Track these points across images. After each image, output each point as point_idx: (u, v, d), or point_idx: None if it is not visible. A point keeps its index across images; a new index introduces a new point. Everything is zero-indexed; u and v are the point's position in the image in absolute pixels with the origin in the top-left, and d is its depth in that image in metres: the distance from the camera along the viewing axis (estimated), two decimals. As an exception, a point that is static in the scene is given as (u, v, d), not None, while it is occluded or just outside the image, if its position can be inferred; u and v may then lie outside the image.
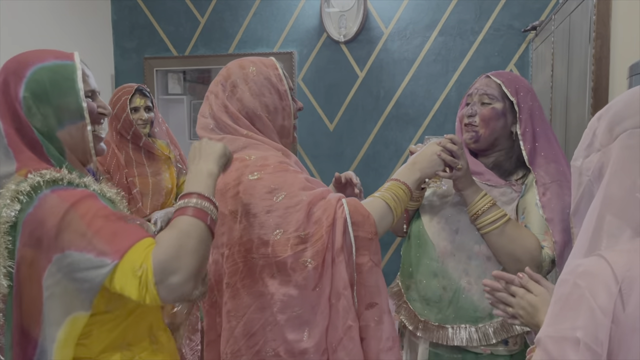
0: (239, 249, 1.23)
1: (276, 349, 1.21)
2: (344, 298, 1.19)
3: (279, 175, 1.23)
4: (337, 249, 1.19)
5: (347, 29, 3.53)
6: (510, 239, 1.39)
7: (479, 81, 1.56)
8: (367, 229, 1.22)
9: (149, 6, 3.95)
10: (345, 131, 3.68)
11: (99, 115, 1.19)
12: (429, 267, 1.52)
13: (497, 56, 3.40)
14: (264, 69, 1.34)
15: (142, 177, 2.46)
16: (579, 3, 2.10)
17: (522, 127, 1.48)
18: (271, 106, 1.32)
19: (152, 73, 3.97)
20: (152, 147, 2.51)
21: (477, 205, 1.40)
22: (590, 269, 0.72)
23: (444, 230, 1.51)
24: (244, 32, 3.79)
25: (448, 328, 1.48)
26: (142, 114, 2.45)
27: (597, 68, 1.89)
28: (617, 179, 0.75)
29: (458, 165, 1.38)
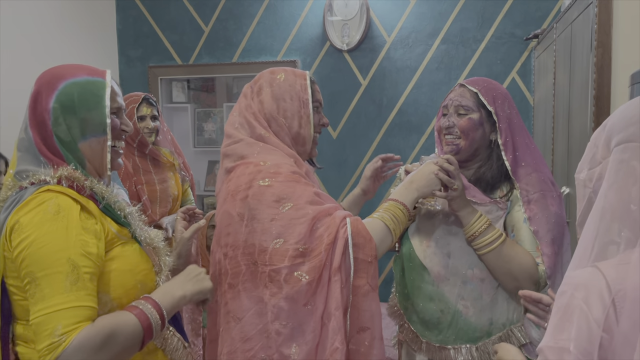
0: (242, 252, 1.25)
1: (271, 356, 1.22)
2: (335, 319, 1.18)
3: (289, 185, 1.25)
4: (335, 269, 1.19)
5: (350, 37, 3.55)
6: (508, 258, 1.39)
7: (454, 91, 1.54)
8: (368, 252, 1.22)
9: (153, 15, 3.98)
10: (349, 139, 3.70)
11: (121, 132, 1.24)
12: (425, 291, 1.51)
13: (500, 64, 3.42)
14: (291, 77, 1.39)
15: (149, 184, 2.48)
16: (581, 12, 2.11)
17: (503, 137, 1.46)
18: (289, 111, 1.36)
19: (156, 81, 4.00)
20: (158, 155, 2.53)
21: (474, 227, 1.40)
22: (586, 281, 0.74)
23: (436, 255, 1.50)
24: (248, 41, 3.82)
25: (450, 349, 1.48)
26: (149, 123, 2.48)
27: (599, 76, 1.91)
28: (612, 191, 0.77)
29: (454, 186, 1.38)
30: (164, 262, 1.24)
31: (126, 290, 1.14)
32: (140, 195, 2.44)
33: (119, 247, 1.16)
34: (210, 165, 4.25)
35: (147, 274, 1.19)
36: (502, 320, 1.45)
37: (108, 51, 4.00)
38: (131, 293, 1.14)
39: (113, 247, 1.15)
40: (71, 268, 1.03)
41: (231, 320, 1.26)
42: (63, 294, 1.01)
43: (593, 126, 1.93)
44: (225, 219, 1.29)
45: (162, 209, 2.50)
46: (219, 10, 3.85)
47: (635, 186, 0.75)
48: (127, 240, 1.18)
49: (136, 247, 1.19)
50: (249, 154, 1.32)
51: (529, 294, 1.17)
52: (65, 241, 1.04)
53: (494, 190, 1.50)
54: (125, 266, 1.14)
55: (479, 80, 1.53)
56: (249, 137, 1.35)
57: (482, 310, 1.45)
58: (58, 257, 1.03)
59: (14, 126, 2.88)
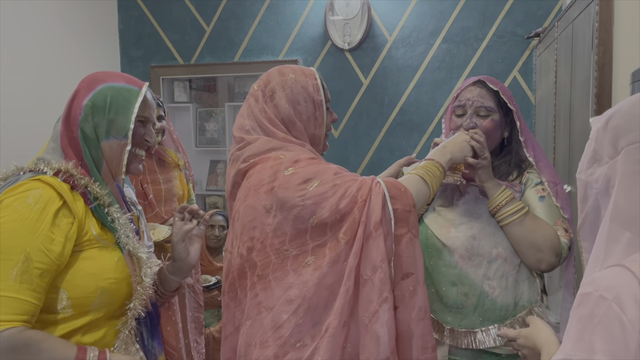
0: (271, 242, 1.27)
1: (302, 340, 1.24)
2: (381, 270, 1.22)
3: (312, 167, 1.29)
4: (376, 223, 1.22)
5: (352, 36, 3.56)
6: (531, 229, 1.43)
7: (470, 90, 1.55)
8: (405, 201, 1.26)
9: (155, 15, 3.99)
10: (350, 138, 3.70)
11: (143, 141, 1.29)
12: (446, 275, 1.52)
13: (501, 63, 3.42)
14: (302, 78, 1.39)
15: (154, 184, 2.49)
16: (582, 10, 2.11)
17: (524, 136, 1.52)
18: (304, 114, 1.38)
19: (158, 81, 4.01)
20: (164, 155, 2.54)
21: (499, 198, 1.45)
22: (615, 281, 0.69)
23: (458, 239, 1.52)
24: (249, 40, 3.82)
25: (477, 332, 1.49)
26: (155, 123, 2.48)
27: (600, 74, 1.90)
28: (625, 192, 0.74)
29: (484, 154, 1.44)
30: (145, 273, 1.24)
31: (85, 293, 1.14)
32: (147, 194, 2.45)
33: (96, 250, 1.17)
34: (212, 164, 4.25)
35: (115, 283, 1.18)
36: (524, 300, 1.49)
37: (110, 51, 4.01)
38: (90, 297, 1.15)
39: (88, 248, 1.16)
40: (23, 259, 1.05)
41: (263, 310, 1.28)
42: (6, 282, 1.03)
43: (594, 124, 1.93)
44: (250, 213, 1.30)
45: (167, 208, 2.51)
46: (220, 10, 3.85)
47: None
48: (108, 245, 1.19)
49: (115, 255, 1.19)
50: (265, 150, 1.34)
51: (504, 334, 1.24)
52: (29, 232, 1.07)
53: (507, 177, 1.57)
54: (92, 269, 1.15)
55: (492, 79, 1.56)
56: (265, 137, 1.37)
57: (507, 289, 1.48)
58: (15, 245, 1.06)
59: (14, 125, 2.90)
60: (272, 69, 1.44)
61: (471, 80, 1.58)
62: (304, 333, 1.24)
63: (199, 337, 2.74)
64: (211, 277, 3.08)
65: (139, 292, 1.22)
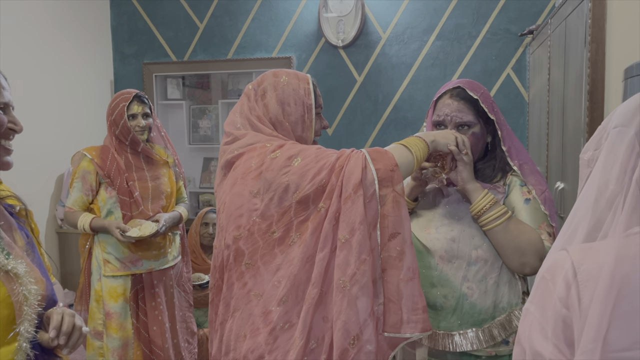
0: (259, 227, 1.28)
1: (290, 320, 1.25)
2: (360, 232, 1.21)
3: (295, 146, 1.33)
4: (355, 185, 1.22)
5: (345, 33, 3.55)
6: (515, 233, 1.41)
7: (447, 104, 1.50)
8: (387, 162, 1.26)
9: (148, 12, 3.97)
10: (344, 135, 3.70)
11: (8, 131, 1.14)
12: (426, 277, 1.52)
13: (495, 60, 3.43)
14: (294, 81, 1.42)
15: (141, 181, 2.48)
16: (575, 7, 2.12)
17: (507, 144, 1.51)
18: (293, 116, 1.40)
19: (151, 78, 3.99)
20: (151, 152, 2.52)
21: (482, 202, 1.43)
22: (554, 263, 0.79)
23: (439, 240, 1.51)
24: (243, 37, 3.81)
25: (455, 335, 1.48)
26: (140, 121, 2.46)
27: (593, 71, 1.91)
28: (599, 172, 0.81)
29: (465, 151, 1.43)
30: (29, 291, 1.07)
31: None
32: (132, 192, 2.44)
33: None
34: (205, 162, 4.24)
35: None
36: (504, 303, 1.47)
37: (102, 48, 3.99)
38: None
39: None
40: None
41: (253, 298, 1.29)
42: None
43: (587, 121, 1.94)
44: (237, 201, 1.31)
45: (154, 205, 2.50)
46: (213, 7, 3.84)
47: (614, 165, 0.78)
48: None
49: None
50: (255, 142, 1.36)
51: None
52: None
53: (491, 180, 1.55)
54: None
55: (473, 84, 1.52)
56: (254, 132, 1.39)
57: (486, 292, 1.46)
58: None
59: (8, 123, 2.88)
60: (269, 71, 1.47)
61: (451, 84, 1.54)
62: (290, 313, 1.25)
63: (191, 337, 2.73)
64: (204, 275, 3.07)
65: (26, 312, 1.04)
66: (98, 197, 2.46)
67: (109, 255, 2.43)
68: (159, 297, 2.50)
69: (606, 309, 0.70)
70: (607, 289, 0.71)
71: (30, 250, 1.14)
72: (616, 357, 0.70)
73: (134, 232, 2.34)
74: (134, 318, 2.46)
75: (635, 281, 0.71)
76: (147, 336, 2.48)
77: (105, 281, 2.42)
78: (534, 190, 1.47)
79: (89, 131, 3.78)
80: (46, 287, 1.11)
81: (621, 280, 0.71)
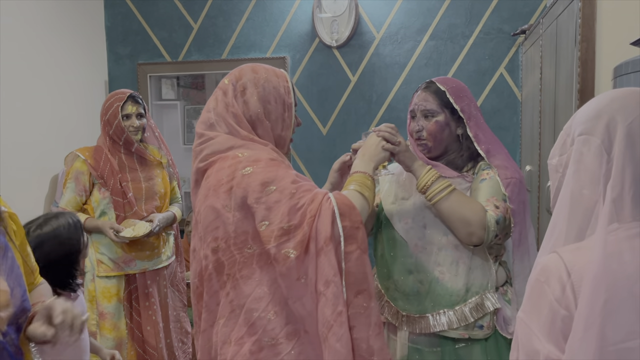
0: (234, 242, 1.28)
1: (275, 337, 1.26)
2: (334, 285, 1.22)
3: (271, 169, 1.28)
4: (326, 238, 1.22)
5: (339, 33, 3.56)
6: (459, 204, 1.50)
7: (417, 97, 1.67)
8: (354, 218, 1.26)
9: (142, 12, 3.97)
10: (338, 135, 3.71)
11: None
12: (404, 265, 1.61)
13: (488, 60, 3.44)
14: (274, 78, 1.39)
15: (135, 182, 2.48)
16: (565, 7, 2.13)
17: (473, 132, 1.61)
18: (273, 114, 1.38)
19: (145, 79, 3.99)
20: (144, 153, 2.52)
21: (425, 178, 1.52)
22: (547, 266, 0.83)
23: (413, 229, 1.61)
24: (237, 37, 3.82)
25: (428, 317, 1.57)
26: (134, 121, 2.46)
27: (583, 70, 1.93)
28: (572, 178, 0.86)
29: (397, 141, 1.52)
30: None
31: None
32: (126, 192, 2.44)
33: None
34: (200, 162, 4.24)
35: None
36: (477, 287, 1.56)
37: (96, 48, 3.98)
38: None
39: None
40: None
41: (236, 308, 1.30)
42: None
43: (578, 120, 1.96)
44: (211, 213, 1.30)
45: (148, 205, 2.50)
46: (207, 7, 3.84)
47: (585, 172, 0.84)
48: None
49: None
50: (225, 149, 1.33)
51: None
52: None
53: (461, 169, 1.65)
54: None
55: (445, 79, 1.66)
56: (226, 134, 1.35)
57: (457, 275, 1.56)
58: None
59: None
60: (244, 65, 1.44)
61: (425, 82, 1.69)
62: (277, 330, 1.26)
63: (185, 337, 2.73)
64: None
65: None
66: (91, 197, 2.46)
67: (102, 256, 2.43)
68: (152, 297, 2.50)
69: (596, 304, 0.74)
70: (595, 285, 0.75)
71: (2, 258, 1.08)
72: (615, 349, 0.73)
73: (127, 232, 2.34)
74: (127, 318, 2.47)
75: (623, 276, 0.75)
76: (141, 336, 2.49)
77: (99, 281, 2.43)
78: (496, 174, 1.56)
79: (83, 131, 3.77)
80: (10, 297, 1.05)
81: (610, 276, 0.75)
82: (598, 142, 0.83)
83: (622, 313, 0.74)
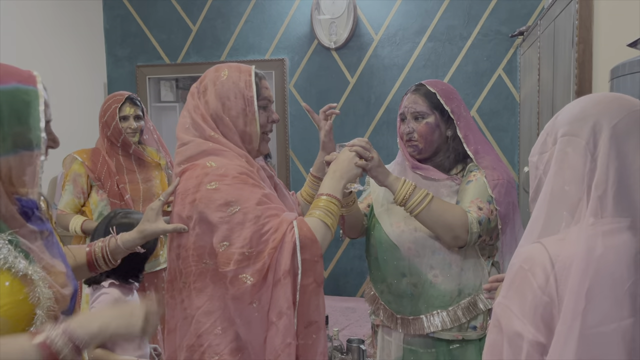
0: (192, 253, 1.29)
1: (220, 353, 1.27)
2: (287, 317, 1.23)
3: (236, 187, 1.26)
4: (285, 271, 1.22)
5: (338, 35, 3.57)
6: (440, 212, 1.50)
7: (408, 97, 1.67)
8: (314, 252, 1.26)
9: (141, 15, 3.97)
10: (337, 136, 3.65)
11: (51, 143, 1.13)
12: (398, 268, 1.62)
13: (486, 61, 3.45)
14: (235, 74, 1.38)
15: (132, 183, 2.48)
16: (563, 8, 2.14)
17: (463, 133, 1.61)
18: (234, 110, 1.36)
19: (144, 81, 3.99)
20: (142, 154, 2.52)
21: (402, 192, 1.50)
22: (531, 255, 0.88)
23: (404, 233, 1.61)
24: (236, 39, 3.82)
25: (422, 318, 1.58)
26: (132, 123, 2.46)
27: (580, 72, 1.93)
28: (554, 176, 0.91)
29: (370, 156, 1.48)
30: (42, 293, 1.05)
31: None
32: (123, 195, 2.43)
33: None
34: (199, 164, 4.25)
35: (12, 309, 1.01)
36: (469, 288, 1.58)
37: (95, 51, 3.99)
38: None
39: None
40: None
41: (188, 315, 1.32)
42: None
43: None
44: (176, 221, 1.33)
45: (146, 207, 2.49)
46: (206, 9, 3.85)
47: (569, 170, 0.89)
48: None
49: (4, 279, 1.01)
50: (197, 155, 1.33)
51: (489, 287, 1.30)
52: None
53: (450, 171, 1.66)
54: None
55: (435, 82, 1.67)
56: (199, 139, 1.36)
57: (450, 277, 1.57)
58: None
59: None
60: (212, 67, 1.44)
61: (414, 85, 1.69)
62: (221, 347, 1.27)
63: None
64: None
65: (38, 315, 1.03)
66: (90, 199, 2.45)
67: None
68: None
69: (581, 292, 0.81)
70: (581, 275, 0.81)
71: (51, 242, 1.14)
72: (592, 332, 0.80)
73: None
74: None
75: (605, 266, 0.82)
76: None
77: (97, 284, 2.42)
78: (484, 176, 1.57)
79: (82, 133, 3.77)
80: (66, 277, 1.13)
81: (593, 265, 0.82)
82: (583, 143, 0.89)
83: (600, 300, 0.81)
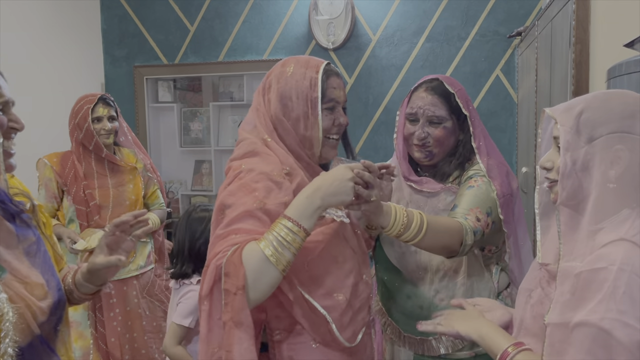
0: None
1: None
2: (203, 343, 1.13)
3: (242, 191, 1.17)
4: (202, 296, 1.10)
5: (336, 36, 3.57)
6: (436, 236, 1.32)
7: (422, 97, 1.47)
8: (234, 281, 1.06)
9: (138, 15, 3.97)
10: (335, 137, 3.70)
11: (9, 130, 1.07)
12: (402, 290, 1.54)
13: (484, 62, 3.45)
14: (300, 71, 1.24)
15: (102, 188, 2.39)
16: (560, 9, 2.14)
17: (477, 141, 1.48)
18: (295, 112, 1.23)
19: (142, 81, 3.99)
20: (114, 158, 2.43)
21: (396, 226, 1.26)
22: (628, 255, 0.83)
23: (405, 255, 1.52)
24: (234, 39, 3.82)
25: (431, 340, 1.51)
26: (106, 124, 2.37)
27: (577, 72, 1.93)
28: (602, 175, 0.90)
29: (372, 198, 1.16)
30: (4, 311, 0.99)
31: None
32: (89, 201, 2.35)
33: None
34: (197, 164, 4.24)
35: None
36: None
37: (93, 51, 3.98)
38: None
39: None
40: None
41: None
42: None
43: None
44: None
45: (115, 214, 2.36)
46: (204, 10, 3.84)
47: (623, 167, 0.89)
48: None
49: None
50: (242, 155, 1.24)
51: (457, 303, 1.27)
52: None
53: (447, 178, 1.53)
54: None
55: (451, 80, 1.51)
56: (252, 138, 1.26)
57: (455, 296, 1.47)
58: None
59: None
60: (283, 59, 1.31)
61: (428, 77, 1.52)
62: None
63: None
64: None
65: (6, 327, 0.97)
66: (62, 204, 2.40)
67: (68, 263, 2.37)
68: (117, 308, 2.40)
69: None
70: None
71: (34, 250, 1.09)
72: None
73: (80, 244, 2.23)
74: (92, 328, 2.38)
75: None
76: (105, 348, 2.40)
77: (65, 290, 2.37)
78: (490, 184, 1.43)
79: (79, 134, 3.77)
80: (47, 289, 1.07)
81: None
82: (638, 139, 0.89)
83: None
